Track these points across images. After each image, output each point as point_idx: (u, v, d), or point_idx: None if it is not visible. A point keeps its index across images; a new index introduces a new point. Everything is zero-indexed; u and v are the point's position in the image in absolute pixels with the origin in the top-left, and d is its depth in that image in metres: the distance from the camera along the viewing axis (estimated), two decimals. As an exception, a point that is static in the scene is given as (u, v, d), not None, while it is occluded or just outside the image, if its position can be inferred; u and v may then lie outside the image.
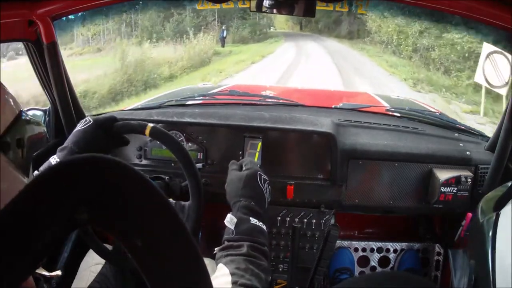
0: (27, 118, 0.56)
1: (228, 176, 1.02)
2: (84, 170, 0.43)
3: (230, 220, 0.86)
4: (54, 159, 0.98)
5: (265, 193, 0.96)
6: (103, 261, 1.11)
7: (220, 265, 0.78)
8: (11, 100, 0.53)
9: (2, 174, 0.49)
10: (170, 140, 1.03)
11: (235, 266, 0.76)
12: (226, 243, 0.84)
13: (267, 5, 1.12)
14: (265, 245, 0.85)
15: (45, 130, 0.60)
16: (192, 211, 1.03)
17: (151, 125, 1.03)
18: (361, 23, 17.00)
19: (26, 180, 0.55)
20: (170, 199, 1.10)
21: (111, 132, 1.05)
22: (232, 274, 0.75)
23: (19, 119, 0.53)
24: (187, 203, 1.05)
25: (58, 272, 0.77)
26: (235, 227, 0.85)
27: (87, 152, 0.99)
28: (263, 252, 0.83)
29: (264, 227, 0.88)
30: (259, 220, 0.88)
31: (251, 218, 0.87)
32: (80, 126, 1.03)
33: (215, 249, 0.86)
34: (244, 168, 1.00)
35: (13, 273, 0.40)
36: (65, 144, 1.01)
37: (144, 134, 1.03)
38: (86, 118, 1.05)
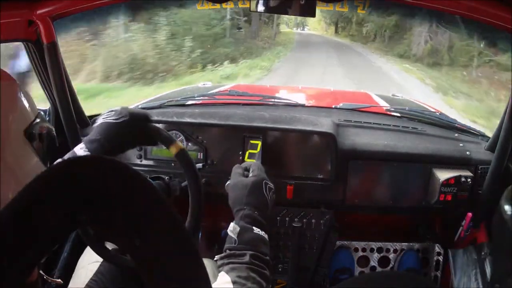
0: (44, 118, 0.61)
1: (231, 179, 0.99)
2: (84, 170, 0.43)
3: (233, 230, 0.85)
4: (81, 149, 0.92)
5: (269, 202, 0.95)
6: (100, 259, 1.10)
7: (222, 273, 0.78)
8: (30, 100, 0.59)
9: (29, 160, 0.56)
10: (192, 168, 0.97)
11: (236, 274, 0.76)
12: (228, 251, 0.83)
13: (267, 5, 1.12)
14: (267, 255, 0.84)
15: (54, 131, 0.65)
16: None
17: (181, 146, 0.97)
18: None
19: None
20: None
21: (143, 129, 0.98)
22: (234, 282, 0.74)
23: (38, 118, 0.59)
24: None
25: (60, 281, 0.78)
26: (237, 236, 0.84)
27: (117, 147, 0.98)
28: (265, 261, 0.83)
29: (266, 236, 0.87)
30: (262, 229, 0.87)
31: (254, 227, 0.86)
32: (113, 119, 0.96)
33: (216, 256, 0.85)
34: (250, 174, 0.98)
35: (13, 272, 0.40)
36: (94, 136, 0.94)
37: (168, 149, 0.97)
38: (120, 111, 0.97)
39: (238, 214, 0.90)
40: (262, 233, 0.87)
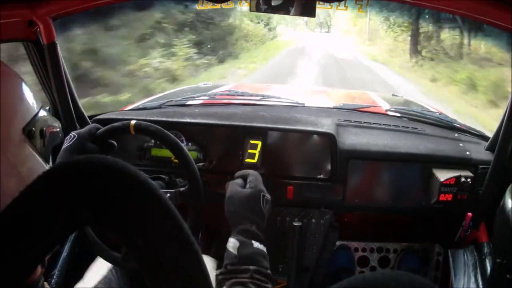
0: (46, 113, 0.62)
1: (229, 189, 0.98)
2: (84, 171, 0.43)
3: (232, 245, 0.85)
4: None
5: (265, 214, 0.94)
6: (109, 264, 1.10)
7: None
8: (32, 96, 0.59)
9: (28, 158, 0.55)
10: (157, 131, 1.01)
11: None
12: (229, 267, 0.82)
13: (267, 5, 1.12)
14: (268, 268, 0.84)
15: (60, 125, 0.66)
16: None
17: (133, 121, 1.01)
18: None
19: (47, 166, 0.60)
20: (168, 190, 1.10)
21: (97, 140, 1.04)
22: None
23: (39, 113, 0.59)
24: (184, 188, 1.05)
25: None
26: (237, 252, 0.83)
27: None
28: (267, 275, 0.82)
29: (265, 249, 0.87)
30: (261, 243, 0.87)
31: (253, 241, 0.86)
32: (66, 144, 1.02)
33: (216, 272, 0.85)
34: (247, 186, 0.97)
35: (15, 271, 0.40)
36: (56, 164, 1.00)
37: (130, 133, 1.02)
38: (70, 135, 1.03)
39: (236, 228, 0.88)
40: (261, 246, 0.86)
